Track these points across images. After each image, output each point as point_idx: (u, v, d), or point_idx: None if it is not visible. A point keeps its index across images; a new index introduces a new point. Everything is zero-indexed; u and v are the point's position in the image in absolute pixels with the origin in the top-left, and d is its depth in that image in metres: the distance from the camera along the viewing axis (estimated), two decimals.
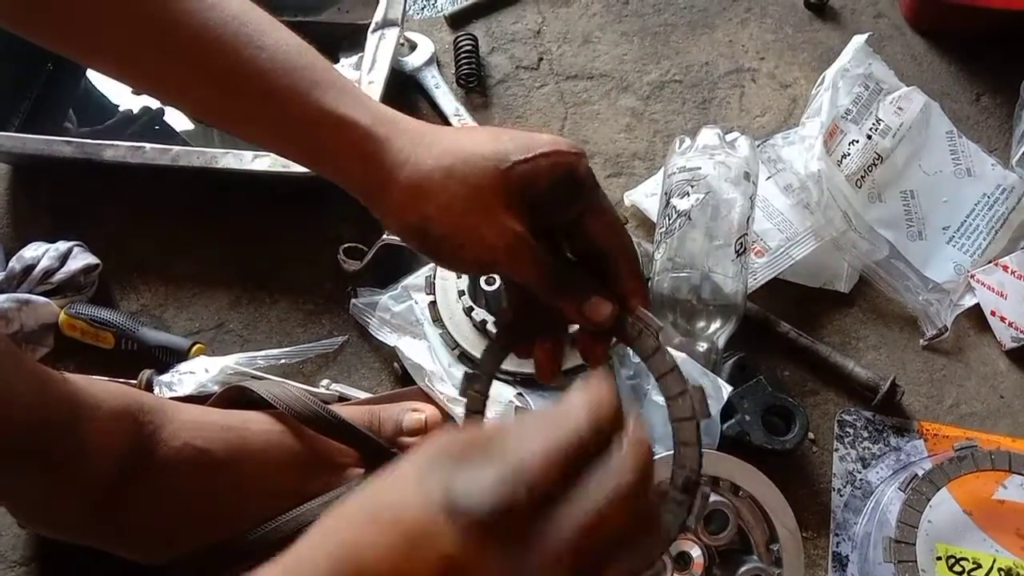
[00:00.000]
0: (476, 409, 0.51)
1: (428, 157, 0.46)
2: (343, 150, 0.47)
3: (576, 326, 0.50)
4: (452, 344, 0.69)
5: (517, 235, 0.46)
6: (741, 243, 0.68)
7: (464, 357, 0.68)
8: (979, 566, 0.60)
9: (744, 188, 0.70)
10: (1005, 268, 0.74)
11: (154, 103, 0.89)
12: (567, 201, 0.48)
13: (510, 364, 0.67)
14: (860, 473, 0.68)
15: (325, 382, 0.72)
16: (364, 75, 0.79)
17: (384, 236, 0.75)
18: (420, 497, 0.32)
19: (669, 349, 0.48)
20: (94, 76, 0.91)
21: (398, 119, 0.48)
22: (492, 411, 0.64)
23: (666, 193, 0.72)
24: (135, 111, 0.88)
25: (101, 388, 0.58)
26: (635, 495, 0.33)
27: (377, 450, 0.63)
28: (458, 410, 0.65)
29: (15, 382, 0.52)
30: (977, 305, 0.75)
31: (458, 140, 0.47)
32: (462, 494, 0.31)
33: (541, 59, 0.91)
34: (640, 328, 0.48)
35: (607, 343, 0.50)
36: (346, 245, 0.77)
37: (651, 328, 0.48)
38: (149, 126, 0.88)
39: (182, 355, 0.72)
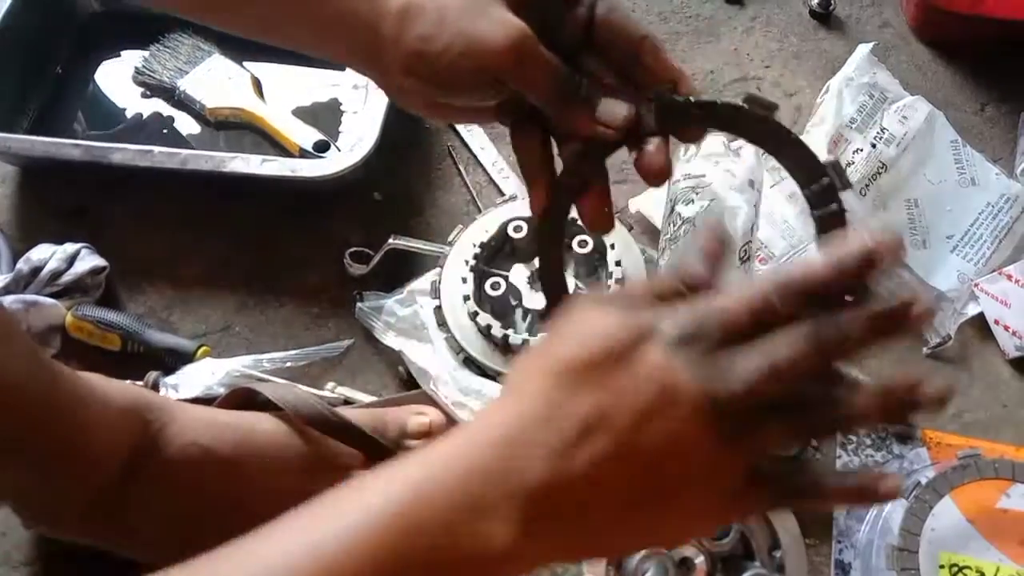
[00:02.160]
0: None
1: None
2: None
3: None
4: (457, 349, 0.69)
5: (520, 30, 0.44)
6: (745, 250, 0.69)
7: (469, 362, 0.68)
8: (982, 575, 0.60)
9: (748, 196, 0.70)
10: (1009, 277, 0.74)
11: (164, 109, 0.89)
12: None
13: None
14: None
15: (330, 385, 0.72)
16: None
17: (390, 240, 0.76)
18: (617, 320, 0.36)
19: None
20: (103, 80, 0.92)
21: None
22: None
23: (671, 200, 0.72)
24: (144, 116, 0.89)
25: (109, 385, 0.58)
26: (817, 362, 0.35)
27: (382, 452, 0.63)
28: (462, 414, 0.65)
29: (25, 376, 0.52)
30: (981, 314, 0.75)
31: None
32: (659, 319, 0.35)
33: None
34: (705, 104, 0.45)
35: (665, 150, 0.47)
36: (352, 249, 0.77)
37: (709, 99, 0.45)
38: (158, 131, 0.88)
39: (188, 357, 0.72)
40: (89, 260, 0.75)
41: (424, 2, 0.45)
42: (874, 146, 0.77)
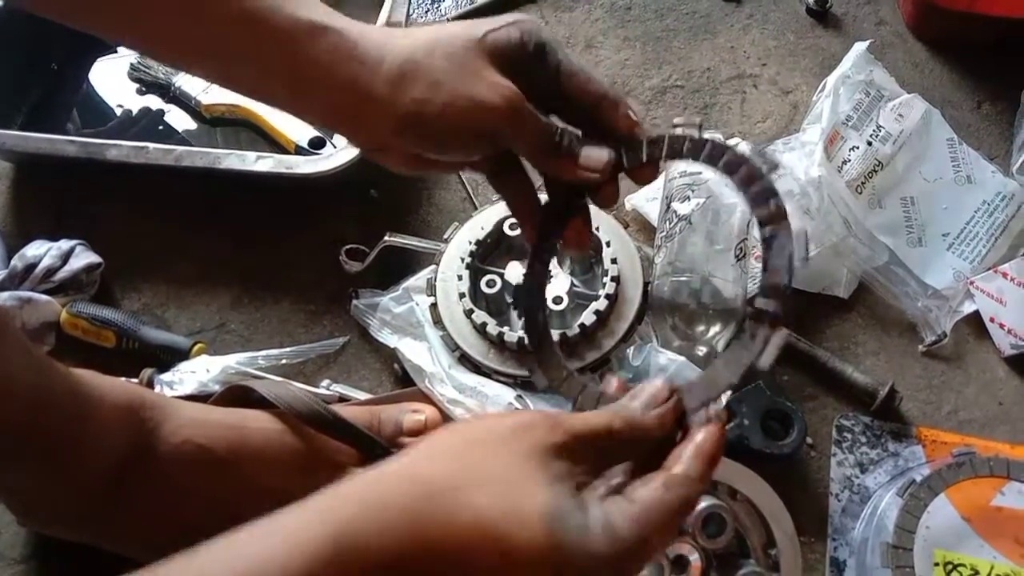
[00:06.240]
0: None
1: (404, 44, 0.48)
2: (322, 56, 0.47)
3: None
4: (452, 346, 0.69)
5: (514, 92, 0.47)
6: (741, 248, 0.69)
7: (464, 359, 0.68)
8: (977, 573, 0.60)
9: None
10: (1005, 275, 0.74)
11: (155, 104, 0.89)
12: (542, 58, 0.49)
13: (509, 367, 0.67)
14: (858, 478, 0.68)
15: (326, 382, 0.72)
16: None
17: (386, 237, 0.76)
18: (528, 522, 0.36)
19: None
20: (97, 79, 0.92)
21: (359, 23, 0.49)
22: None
23: (667, 197, 0.72)
24: (134, 112, 0.89)
25: (104, 382, 0.58)
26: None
27: (377, 450, 0.63)
28: (457, 411, 0.65)
29: (19, 372, 0.52)
30: (976, 312, 0.75)
31: (429, 27, 0.49)
32: (576, 546, 0.36)
33: None
34: (665, 140, 0.50)
35: (615, 183, 0.51)
36: (348, 246, 0.77)
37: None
38: (150, 127, 0.88)
39: (183, 354, 0.72)
40: (84, 257, 0.75)
41: (418, 66, 0.47)
42: (870, 144, 0.77)
